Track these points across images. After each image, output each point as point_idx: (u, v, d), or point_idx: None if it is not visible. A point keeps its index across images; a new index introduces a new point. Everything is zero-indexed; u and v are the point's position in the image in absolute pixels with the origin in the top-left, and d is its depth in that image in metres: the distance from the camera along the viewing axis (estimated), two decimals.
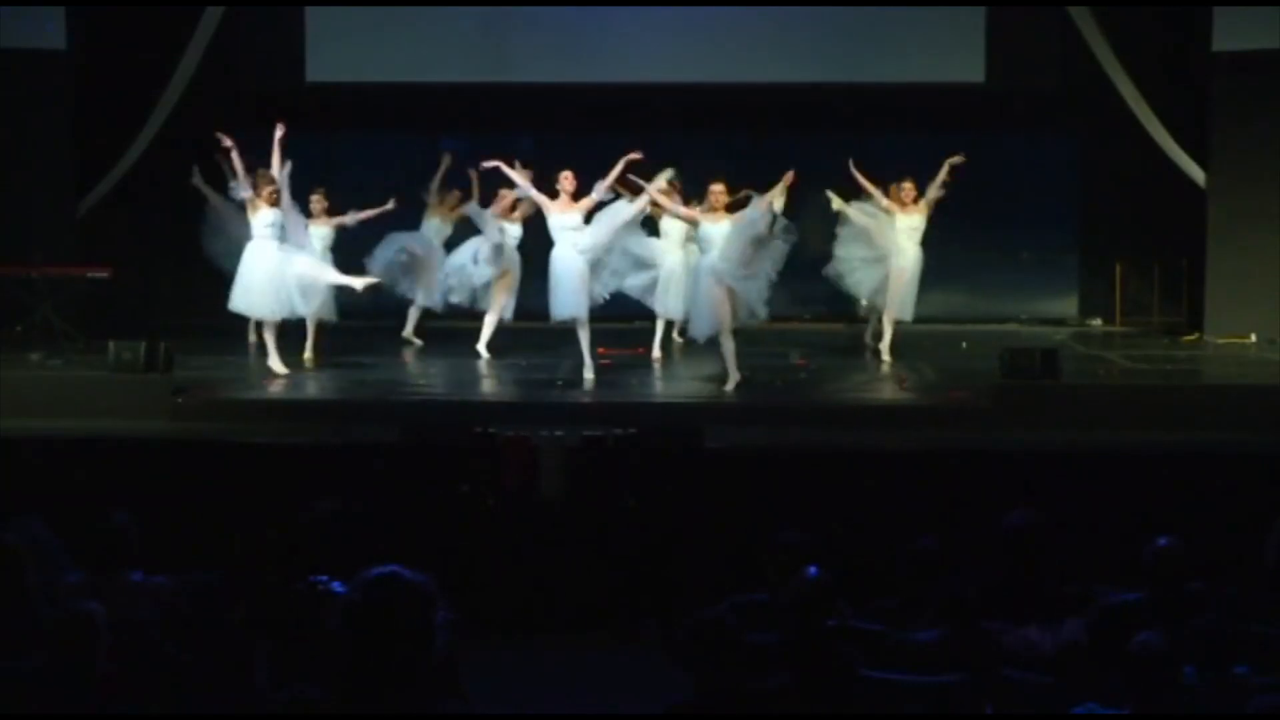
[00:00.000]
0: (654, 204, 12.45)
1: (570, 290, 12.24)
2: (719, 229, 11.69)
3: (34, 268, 14.02)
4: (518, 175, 12.57)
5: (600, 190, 12.21)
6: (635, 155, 12.11)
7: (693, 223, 12.18)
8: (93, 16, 15.37)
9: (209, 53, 15.36)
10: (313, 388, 12.34)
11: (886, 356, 13.47)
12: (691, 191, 12.79)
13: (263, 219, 12.26)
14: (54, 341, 13.41)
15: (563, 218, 12.27)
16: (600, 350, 12.87)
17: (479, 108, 16.59)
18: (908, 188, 13.50)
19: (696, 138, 16.79)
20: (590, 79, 16.10)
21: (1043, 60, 16.22)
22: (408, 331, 14.22)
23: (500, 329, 13.60)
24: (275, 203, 12.23)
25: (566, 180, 12.30)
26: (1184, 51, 15.28)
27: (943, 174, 13.43)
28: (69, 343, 13.39)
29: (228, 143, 12.21)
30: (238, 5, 15.62)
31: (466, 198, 13.79)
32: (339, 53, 16.23)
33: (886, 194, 13.54)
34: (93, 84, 15.34)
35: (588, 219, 12.35)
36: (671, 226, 13.31)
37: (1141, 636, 4.94)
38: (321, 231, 13.35)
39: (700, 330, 11.93)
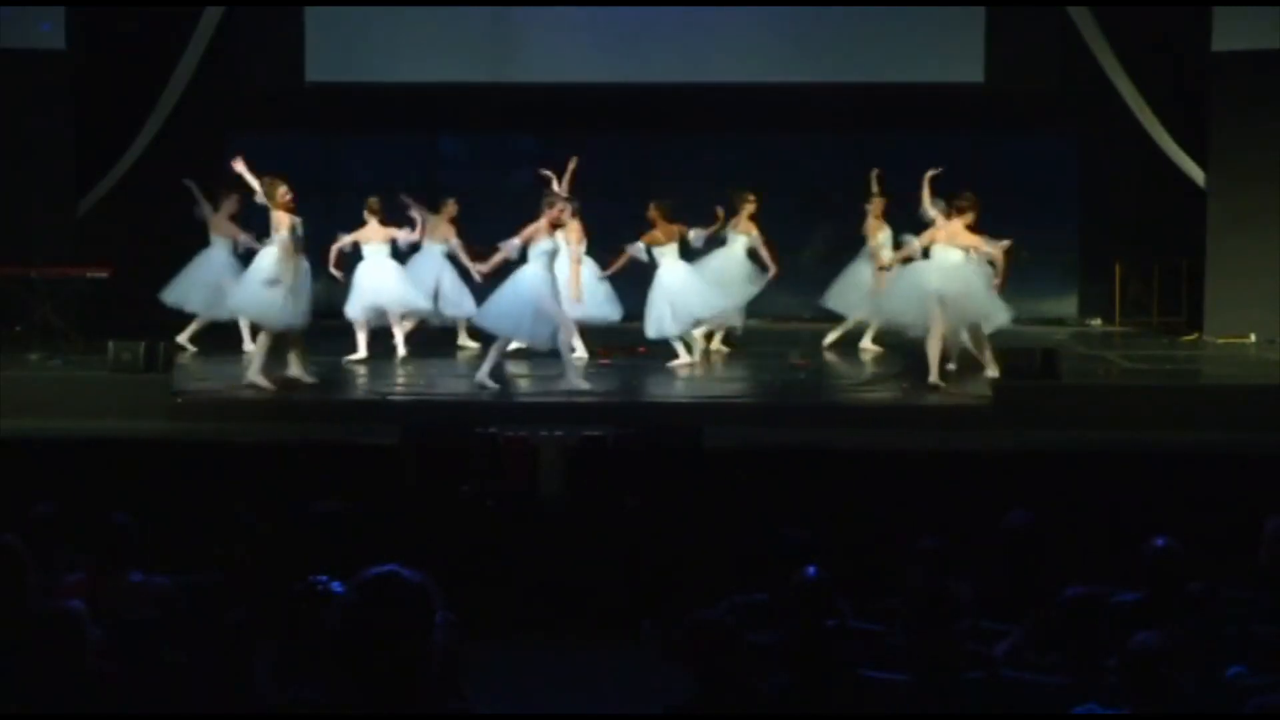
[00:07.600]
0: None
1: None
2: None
3: (34, 268, 14.02)
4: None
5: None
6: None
7: None
8: (92, 16, 15.36)
9: (209, 53, 15.36)
10: (313, 388, 12.32)
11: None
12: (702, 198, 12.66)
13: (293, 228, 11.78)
14: (54, 341, 13.41)
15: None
16: (600, 350, 12.86)
17: (479, 108, 16.58)
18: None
19: (696, 138, 16.82)
20: (590, 79, 16.08)
21: (1043, 60, 16.21)
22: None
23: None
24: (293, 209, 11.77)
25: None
26: (1184, 51, 15.27)
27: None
28: (68, 343, 13.39)
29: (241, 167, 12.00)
30: (238, 5, 15.62)
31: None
32: (339, 53, 16.21)
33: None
34: (93, 84, 15.33)
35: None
36: (667, 250, 13.14)
37: (1141, 636, 4.93)
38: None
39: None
